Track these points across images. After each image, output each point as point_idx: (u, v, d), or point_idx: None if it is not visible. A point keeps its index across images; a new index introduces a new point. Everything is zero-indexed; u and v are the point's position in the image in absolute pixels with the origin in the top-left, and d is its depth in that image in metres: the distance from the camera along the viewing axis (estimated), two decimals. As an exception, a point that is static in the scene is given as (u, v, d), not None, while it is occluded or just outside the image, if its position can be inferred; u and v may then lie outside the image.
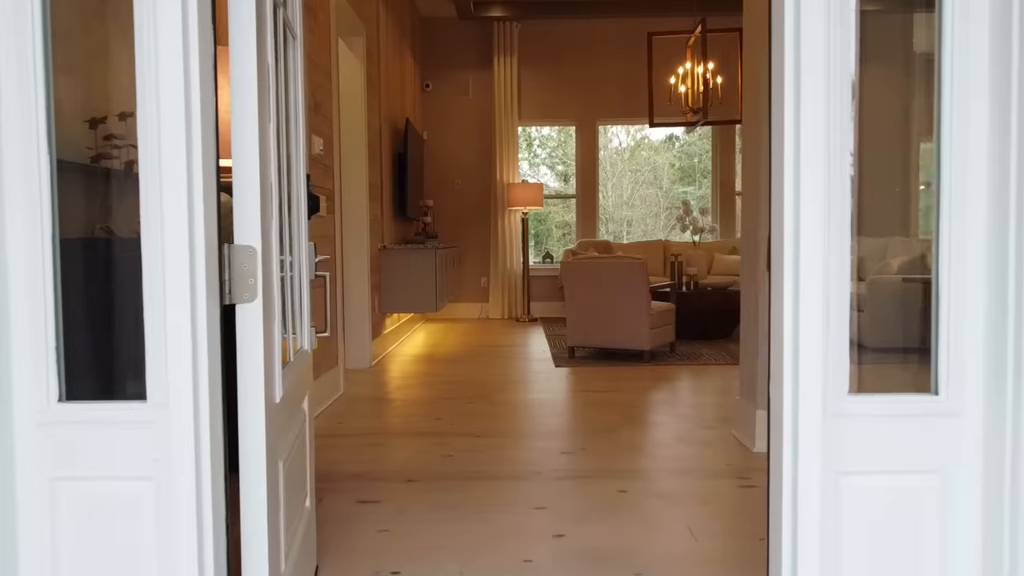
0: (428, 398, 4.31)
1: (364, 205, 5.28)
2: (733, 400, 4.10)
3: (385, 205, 6.14)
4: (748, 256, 3.33)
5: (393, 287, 5.90)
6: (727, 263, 7.89)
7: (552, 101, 8.62)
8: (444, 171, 8.65)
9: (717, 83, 6.91)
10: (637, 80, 8.54)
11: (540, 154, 10.94)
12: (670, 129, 10.27)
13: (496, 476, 2.88)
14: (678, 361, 5.45)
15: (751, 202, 3.31)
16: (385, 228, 6.12)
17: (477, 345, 6.43)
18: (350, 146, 5.24)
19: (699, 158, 10.56)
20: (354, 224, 5.28)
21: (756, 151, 3.24)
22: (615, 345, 5.43)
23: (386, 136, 6.19)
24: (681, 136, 10.95)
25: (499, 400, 4.23)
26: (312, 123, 3.96)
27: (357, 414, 3.94)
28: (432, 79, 8.59)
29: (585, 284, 5.46)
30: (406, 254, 5.89)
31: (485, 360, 5.64)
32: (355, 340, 5.32)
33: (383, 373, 5.13)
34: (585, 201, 8.77)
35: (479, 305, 8.70)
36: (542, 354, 5.89)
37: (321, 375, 4.04)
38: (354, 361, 5.34)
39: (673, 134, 10.89)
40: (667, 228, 10.58)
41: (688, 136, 8.85)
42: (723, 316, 6.49)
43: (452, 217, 8.67)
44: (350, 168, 5.26)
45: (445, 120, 8.63)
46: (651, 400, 4.20)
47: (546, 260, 9.11)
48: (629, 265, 5.27)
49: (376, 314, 5.73)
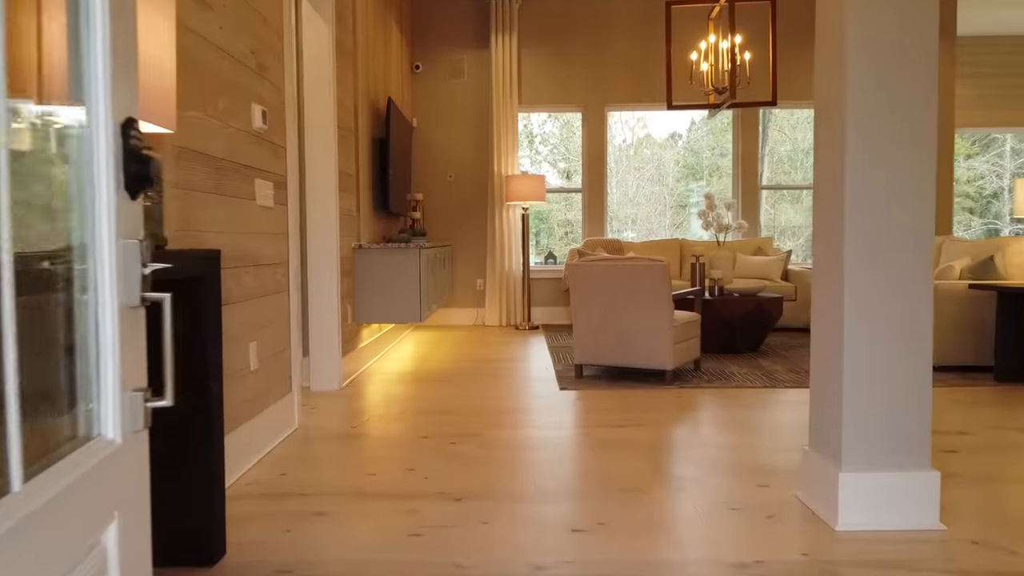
0: (403, 436, 3.46)
1: (333, 197, 4.43)
2: (792, 445, 3.24)
3: (363, 198, 5.29)
4: (825, 260, 2.47)
5: (370, 293, 5.05)
6: (752, 265, 7.03)
7: (556, 84, 7.76)
8: (435, 162, 7.80)
9: (745, 60, 6.05)
10: (650, 60, 7.68)
11: (542, 151, 10.12)
12: (674, 127, 9.41)
13: (480, 574, 2.03)
14: (706, 383, 4.59)
15: (828, 196, 2.45)
16: (363, 224, 5.27)
17: (470, 360, 5.58)
18: (316, 127, 4.39)
19: (706, 154, 9.72)
20: (320, 219, 4.43)
21: (835, 138, 2.38)
22: (631, 363, 4.58)
23: (364, 118, 5.34)
24: (684, 134, 10.06)
25: (491, 439, 3.38)
26: (254, 89, 3.11)
27: (307, 461, 3.09)
28: (423, 59, 7.73)
29: (595, 290, 4.60)
30: (386, 255, 5.04)
31: (478, 380, 4.78)
32: (321, 358, 4.47)
33: (355, 398, 4.28)
34: (592, 195, 7.92)
35: (474, 311, 7.85)
36: (544, 372, 5.04)
37: (265, 408, 3.19)
38: (320, 382, 4.48)
39: (676, 132, 10.02)
40: (673, 227, 9.72)
41: (710, 120, 7.96)
42: (752, 327, 5.63)
43: (444, 213, 7.82)
44: (315, 153, 4.41)
45: (437, 105, 7.77)
46: (682, 440, 3.35)
47: (548, 261, 8.26)
48: (649, 268, 4.41)
49: (350, 325, 4.88)
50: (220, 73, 2.77)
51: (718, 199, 7.28)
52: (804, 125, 9.44)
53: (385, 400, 4.20)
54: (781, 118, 9.47)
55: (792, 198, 9.58)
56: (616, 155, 8.32)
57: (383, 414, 3.87)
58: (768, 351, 5.81)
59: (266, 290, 3.24)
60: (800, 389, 4.41)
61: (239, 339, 2.93)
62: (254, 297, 3.09)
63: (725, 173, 8.64)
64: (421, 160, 7.79)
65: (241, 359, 2.94)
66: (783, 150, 10.36)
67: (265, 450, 3.17)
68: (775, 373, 4.89)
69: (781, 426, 3.57)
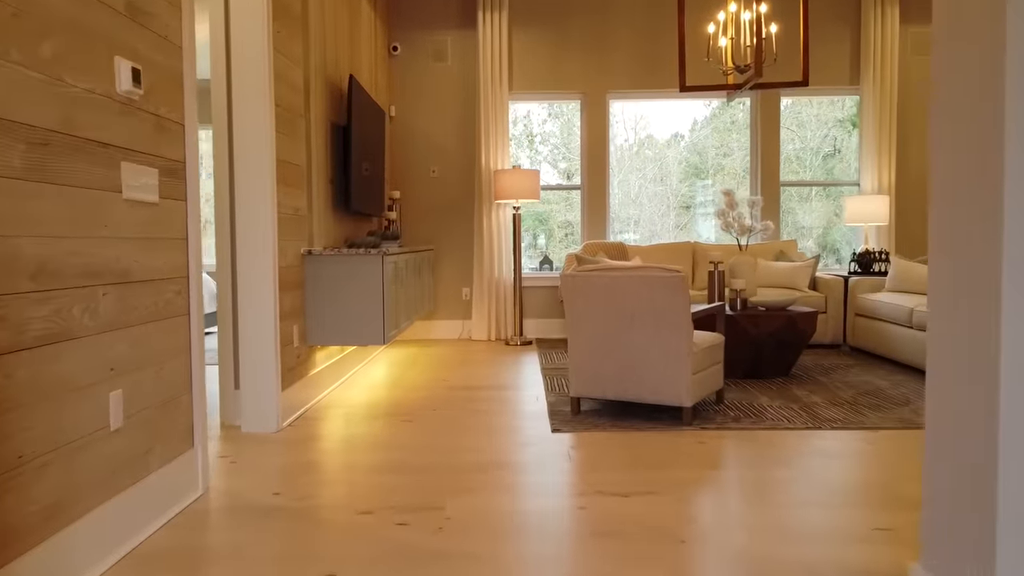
0: (337, 509, 2.58)
1: (268, 192, 3.56)
2: (868, 533, 2.35)
3: (317, 195, 4.42)
4: (956, 280, 1.59)
5: (323, 310, 4.17)
6: (776, 273, 6.15)
7: (551, 68, 6.89)
8: (416, 155, 6.92)
9: (771, 33, 5.18)
10: (658, 40, 6.80)
11: (542, 151, 9.26)
12: (676, 128, 8.54)
13: None
14: (732, 421, 3.70)
15: (967, 200, 1.56)
16: (317, 226, 4.40)
17: (447, 386, 4.70)
18: (247, 104, 3.52)
19: (711, 154, 8.84)
20: (252, 220, 3.56)
21: (982, 128, 1.50)
22: (640, 398, 3.70)
23: (319, 101, 4.47)
24: (687, 134, 9.14)
25: (453, 517, 2.50)
26: (118, 38, 2.23)
27: (186, 562, 2.20)
28: (401, 40, 6.86)
29: (596, 306, 3.73)
30: (342, 263, 4.16)
31: (451, 417, 3.90)
32: (253, 393, 3.60)
33: (294, 444, 3.40)
34: (592, 194, 7.04)
35: (460, 323, 6.96)
36: (534, 405, 4.16)
37: (138, 480, 2.31)
38: (253, 422, 3.61)
39: (679, 133, 9.12)
40: (677, 228, 8.81)
41: (729, 105, 7.07)
42: (783, 348, 4.75)
43: (426, 213, 6.94)
44: (246, 137, 3.54)
45: (418, 92, 6.89)
46: (714, 522, 2.46)
47: (544, 267, 7.38)
48: (664, 281, 3.53)
49: (296, 349, 4.00)
50: (46, 3, 1.89)
51: (740, 196, 6.39)
52: (813, 123, 8.50)
53: (331, 446, 3.32)
54: (787, 116, 8.59)
55: (800, 196, 8.65)
56: (618, 154, 7.44)
57: (322, 469, 2.99)
58: (800, 375, 4.92)
59: (143, 316, 2.36)
60: (851, 431, 3.52)
61: (89, 389, 2.06)
62: (118, 328, 2.21)
63: (729, 173, 7.79)
64: (399, 153, 6.92)
65: (89, 418, 2.06)
66: (790, 148, 9.49)
67: (133, 541, 2.29)
68: (814, 407, 4.01)
69: (843, 493, 2.68)
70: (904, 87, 6.80)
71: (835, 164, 7.37)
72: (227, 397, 3.80)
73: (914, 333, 4.98)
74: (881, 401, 4.16)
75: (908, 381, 4.71)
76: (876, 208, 6.48)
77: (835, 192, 7.34)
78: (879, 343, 5.45)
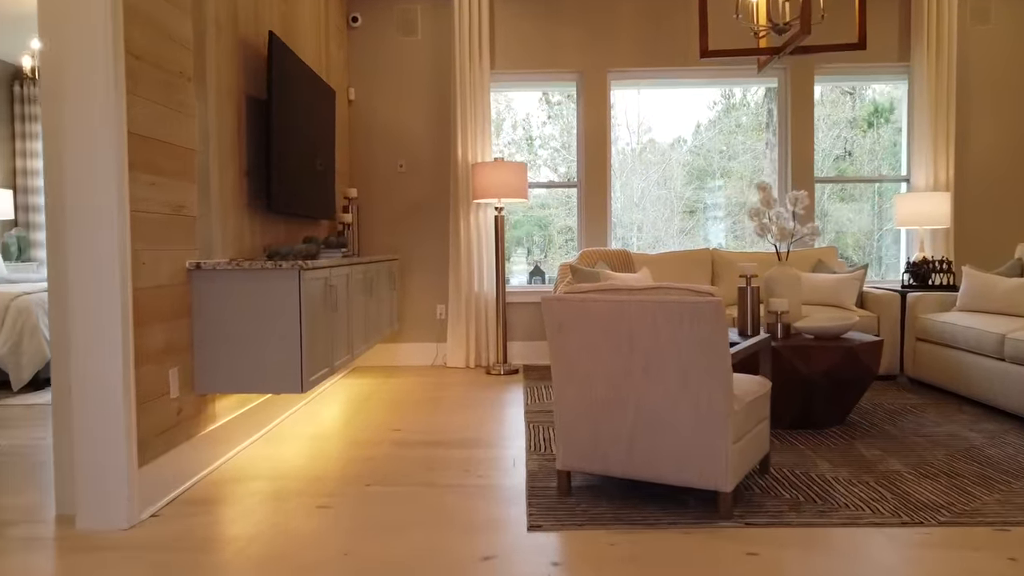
0: None
1: (113, 180, 2.43)
2: None
3: (221, 190, 3.29)
4: None
5: (218, 345, 3.03)
6: (818, 287, 5.01)
7: (540, 42, 5.76)
8: (379, 146, 5.80)
9: (817, -19, 4.06)
10: (668, 6, 5.69)
11: (542, 155, 8.14)
12: (679, 131, 7.39)
13: None
14: (791, 512, 2.56)
15: None
16: (218, 232, 3.27)
17: (398, 441, 3.56)
18: (72, 51, 2.39)
19: (716, 157, 7.68)
20: (87, 219, 2.43)
21: None
22: (659, 477, 2.56)
23: (227, 65, 3.35)
24: (689, 139, 7.90)
25: None
26: None
27: None
28: (361, 10, 5.75)
29: (593, 343, 2.59)
30: (243, 281, 3.02)
31: (388, 500, 2.76)
32: (93, 475, 2.46)
33: (141, 556, 2.25)
34: (591, 192, 5.91)
35: (433, 347, 5.83)
36: (508, 480, 3.01)
37: None
38: (90, 516, 2.47)
39: (681, 137, 7.91)
40: (682, 234, 7.63)
41: (761, 77, 5.88)
42: (841, 389, 3.60)
43: (391, 215, 5.82)
44: (74, 101, 2.41)
45: (381, 72, 5.78)
46: None
47: (534, 279, 6.25)
48: (695, 309, 2.39)
49: (177, 401, 2.87)
50: None
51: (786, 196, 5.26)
52: (822, 125, 7.30)
53: (195, 560, 2.17)
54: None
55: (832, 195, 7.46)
56: (619, 157, 6.31)
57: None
58: (859, 423, 3.78)
59: None
60: (970, 530, 2.37)
61: None
62: None
63: (735, 176, 6.67)
64: (360, 144, 5.79)
65: None
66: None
67: None
68: (899, 481, 2.86)
69: None
70: (964, 62, 5.67)
71: (847, 167, 6.24)
72: (63, 476, 2.66)
73: (1006, 367, 3.83)
74: (986, 468, 3.02)
75: (1005, 431, 3.57)
76: (934, 208, 5.34)
77: (868, 191, 6.19)
78: (951, 376, 4.31)
